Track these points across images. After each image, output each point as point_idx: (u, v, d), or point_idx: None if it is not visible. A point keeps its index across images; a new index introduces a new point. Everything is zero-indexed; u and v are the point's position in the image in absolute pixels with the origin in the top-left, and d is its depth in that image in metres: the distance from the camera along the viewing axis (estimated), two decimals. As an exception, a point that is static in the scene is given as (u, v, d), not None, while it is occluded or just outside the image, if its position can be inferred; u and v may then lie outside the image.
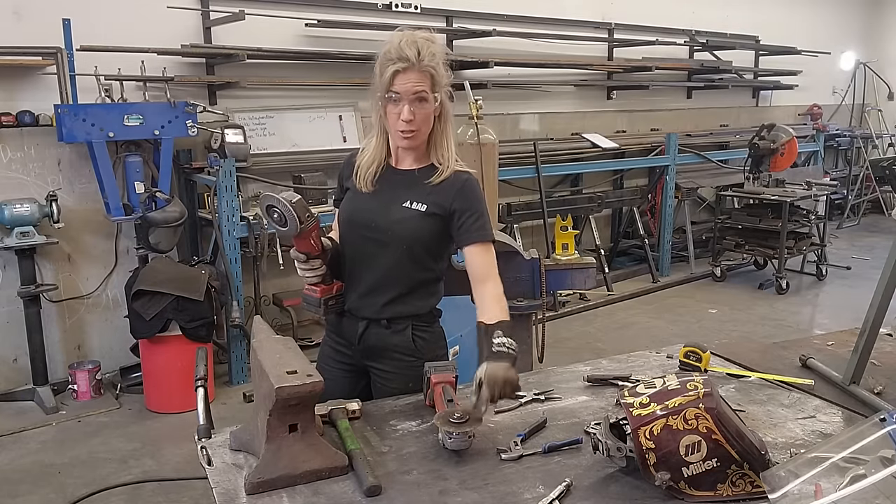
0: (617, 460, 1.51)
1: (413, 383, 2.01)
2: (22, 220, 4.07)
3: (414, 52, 1.87)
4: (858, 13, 10.39)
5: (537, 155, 6.11)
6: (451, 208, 1.98)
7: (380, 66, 1.90)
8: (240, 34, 4.82)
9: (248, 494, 1.48)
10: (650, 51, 7.33)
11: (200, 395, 1.79)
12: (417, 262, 2.02)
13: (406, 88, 1.87)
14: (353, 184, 2.06)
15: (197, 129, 4.52)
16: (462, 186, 2.00)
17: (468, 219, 1.98)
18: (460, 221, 1.98)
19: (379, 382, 2.11)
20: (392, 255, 2.00)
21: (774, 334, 5.38)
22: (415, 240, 1.99)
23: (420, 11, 5.80)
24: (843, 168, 10.06)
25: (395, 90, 1.87)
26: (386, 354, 2.07)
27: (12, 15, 4.21)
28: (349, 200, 2.08)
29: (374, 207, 2.00)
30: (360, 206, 2.02)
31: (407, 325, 2.06)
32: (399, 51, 1.87)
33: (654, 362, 2.21)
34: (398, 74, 1.87)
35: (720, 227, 7.14)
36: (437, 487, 1.50)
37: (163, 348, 4.19)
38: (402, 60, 1.86)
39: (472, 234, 1.99)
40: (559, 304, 6.11)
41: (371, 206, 2.00)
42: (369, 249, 2.02)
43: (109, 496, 3.32)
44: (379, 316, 2.04)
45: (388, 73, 1.87)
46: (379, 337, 2.06)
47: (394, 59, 1.87)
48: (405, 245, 1.99)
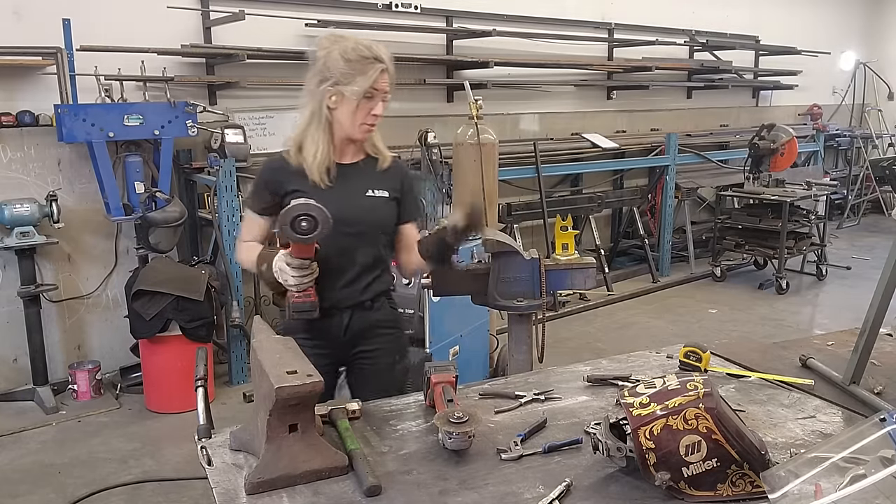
0: (617, 460, 1.51)
1: (399, 356, 2.25)
2: (22, 220, 4.07)
3: (385, 54, 2.06)
4: (858, 13, 10.40)
5: (537, 155, 6.11)
6: (403, 191, 2.21)
7: (356, 66, 2.02)
8: (240, 34, 4.82)
9: (248, 494, 1.47)
10: (650, 51, 7.33)
11: (200, 395, 1.79)
12: (386, 244, 2.21)
13: (383, 87, 2.06)
14: (301, 185, 2.06)
15: (197, 129, 4.52)
16: (407, 172, 2.27)
17: (411, 200, 2.25)
18: (405, 202, 2.23)
19: (366, 364, 2.23)
20: (369, 243, 2.15)
21: (774, 334, 5.38)
22: (386, 224, 2.18)
23: (420, 11, 5.80)
24: (843, 168, 10.06)
25: (376, 88, 2.03)
26: (372, 333, 2.21)
27: (12, 15, 4.21)
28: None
29: (340, 201, 2.02)
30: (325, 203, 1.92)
31: (383, 300, 2.23)
32: (373, 52, 2.04)
33: (654, 362, 2.21)
34: (383, 73, 2.04)
35: (720, 227, 7.14)
36: (437, 487, 1.50)
37: (163, 348, 4.19)
38: (381, 61, 2.04)
39: (412, 213, 2.26)
40: (559, 304, 6.12)
41: (337, 200, 2.00)
42: (345, 242, 2.08)
43: (109, 496, 3.32)
44: (361, 299, 2.17)
45: (375, 73, 2.02)
46: (364, 319, 2.19)
47: (371, 59, 2.03)
48: (380, 231, 2.17)
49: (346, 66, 2.01)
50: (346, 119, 2.06)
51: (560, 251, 6.26)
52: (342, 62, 2.01)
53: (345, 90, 2.03)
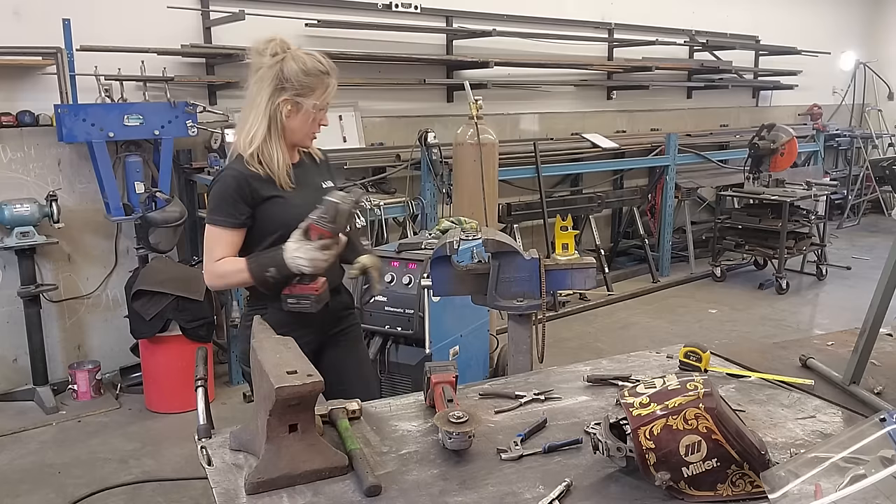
0: (617, 460, 1.51)
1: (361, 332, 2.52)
2: (22, 220, 4.07)
3: (333, 67, 2.17)
4: (858, 13, 10.40)
5: (537, 155, 6.11)
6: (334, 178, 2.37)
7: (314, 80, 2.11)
8: (240, 34, 4.82)
9: (248, 494, 1.47)
10: (650, 51, 7.33)
11: (200, 395, 1.79)
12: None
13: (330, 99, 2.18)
14: (273, 190, 2.14)
15: (197, 129, 4.52)
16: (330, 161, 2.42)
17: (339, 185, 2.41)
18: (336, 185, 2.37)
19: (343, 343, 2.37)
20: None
21: (774, 334, 5.38)
22: None
23: (420, 11, 5.80)
24: (843, 168, 10.06)
25: (327, 100, 2.15)
26: (343, 315, 2.38)
27: (12, 15, 4.21)
28: (284, 206, 2.14)
29: (310, 199, 2.11)
30: (300, 203, 2.12)
31: (340, 284, 2.37)
32: (327, 66, 2.14)
33: (654, 362, 2.21)
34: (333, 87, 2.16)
35: (720, 227, 7.14)
36: (437, 487, 1.50)
37: (163, 348, 4.19)
38: (332, 76, 2.15)
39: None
40: (559, 304, 6.12)
41: (307, 199, 2.12)
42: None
43: (109, 496, 3.32)
44: (336, 284, 2.30)
45: (331, 87, 2.15)
46: (337, 302, 2.32)
47: (326, 73, 2.13)
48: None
49: (305, 79, 2.10)
50: (299, 128, 2.16)
51: (560, 251, 6.25)
52: (302, 75, 2.09)
53: (303, 102, 2.12)
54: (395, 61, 5.52)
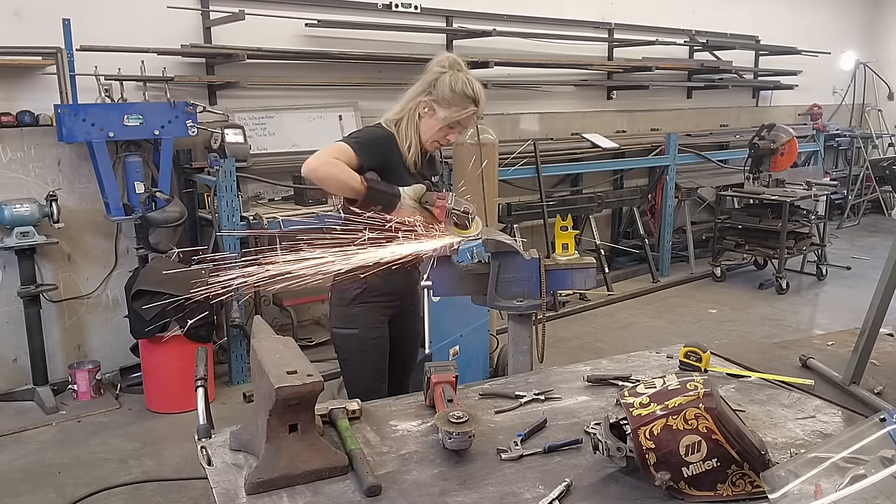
0: (617, 460, 1.51)
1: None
2: (22, 220, 4.06)
3: (483, 99, 2.45)
4: (858, 13, 10.39)
5: (537, 155, 6.11)
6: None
7: (456, 98, 2.40)
8: (240, 34, 4.82)
9: (248, 494, 1.48)
10: (650, 51, 7.32)
11: (200, 395, 1.79)
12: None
13: (467, 124, 2.48)
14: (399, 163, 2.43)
15: (197, 129, 4.52)
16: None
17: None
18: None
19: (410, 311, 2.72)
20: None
21: (774, 334, 5.38)
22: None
23: (420, 11, 5.80)
24: (843, 168, 10.05)
25: (460, 122, 2.43)
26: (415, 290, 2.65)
27: (12, 15, 4.21)
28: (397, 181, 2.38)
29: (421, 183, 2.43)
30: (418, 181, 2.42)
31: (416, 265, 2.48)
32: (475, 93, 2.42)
33: (654, 362, 2.21)
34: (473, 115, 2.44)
35: (720, 227, 7.14)
36: (437, 487, 1.50)
37: (163, 348, 4.19)
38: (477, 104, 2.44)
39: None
40: (559, 304, 6.12)
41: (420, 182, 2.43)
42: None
43: (109, 496, 3.32)
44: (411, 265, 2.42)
45: (468, 112, 2.42)
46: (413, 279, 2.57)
47: (471, 99, 2.41)
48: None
49: (449, 94, 2.40)
50: (426, 131, 2.47)
51: (560, 251, 6.25)
52: (448, 89, 2.40)
53: (439, 110, 2.42)
54: (395, 61, 5.51)
